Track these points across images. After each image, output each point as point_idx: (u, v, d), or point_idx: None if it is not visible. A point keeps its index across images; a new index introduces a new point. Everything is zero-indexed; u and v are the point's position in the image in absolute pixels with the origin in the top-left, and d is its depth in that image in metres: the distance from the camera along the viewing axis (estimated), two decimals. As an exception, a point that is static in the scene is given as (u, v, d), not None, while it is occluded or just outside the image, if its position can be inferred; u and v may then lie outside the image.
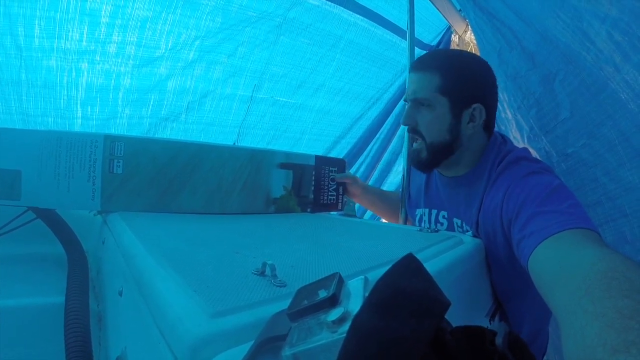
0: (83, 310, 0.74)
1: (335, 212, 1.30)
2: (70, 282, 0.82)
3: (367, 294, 0.29)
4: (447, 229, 1.09)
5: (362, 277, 0.36)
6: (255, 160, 1.13)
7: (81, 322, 0.70)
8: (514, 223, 0.83)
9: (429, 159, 1.04)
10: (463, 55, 1.05)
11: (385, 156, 2.42)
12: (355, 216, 1.21)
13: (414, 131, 1.06)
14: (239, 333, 0.39)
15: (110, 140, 0.97)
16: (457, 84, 0.99)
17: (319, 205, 1.26)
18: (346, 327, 0.28)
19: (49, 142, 0.94)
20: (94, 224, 1.06)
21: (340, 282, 0.35)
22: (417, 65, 1.04)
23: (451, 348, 0.27)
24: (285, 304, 0.37)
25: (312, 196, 1.23)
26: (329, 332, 0.30)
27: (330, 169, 1.26)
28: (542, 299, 0.62)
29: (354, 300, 0.33)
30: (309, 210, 1.23)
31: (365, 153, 2.30)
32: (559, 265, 0.62)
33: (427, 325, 0.25)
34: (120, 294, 0.68)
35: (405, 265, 0.30)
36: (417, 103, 1.03)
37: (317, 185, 1.24)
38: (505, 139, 1.07)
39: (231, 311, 0.42)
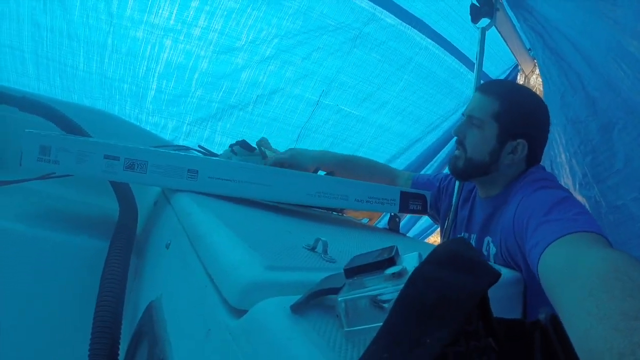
0: (123, 260, 0.77)
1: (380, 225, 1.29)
2: (118, 231, 0.85)
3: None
4: None
5: (417, 252, 0.37)
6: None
7: (118, 272, 0.73)
8: (524, 236, 0.83)
9: (463, 169, 1.10)
10: (527, 93, 1.11)
11: (437, 184, 2.40)
12: (399, 232, 1.20)
13: (460, 143, 1.12)
14: (291, 287, 0.40)
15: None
16: (511, 115, 1.04)
17: None
18: (404, 280, 0.28)
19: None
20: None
21: (397, 252, 0.36)
22: (484, 87, 1.11)
23: (493, 319, 0.28)
24: (336, 276, 0.37)
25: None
26: (386, 284, 0.31)
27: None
28: None
29: (410, 267, 0.33)
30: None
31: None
32: (563, 268, 0.61)
33: (482, 283, 0.26)
34: (167, 247, 0.71)
35: (460, 240, 0.31)
36: (471, 120, 1.09)
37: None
38: (539, 167, 1.10)
39: (284, 268, 0.43)
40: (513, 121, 1.04)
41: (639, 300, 0.41)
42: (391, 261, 0.33)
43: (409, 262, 0.35)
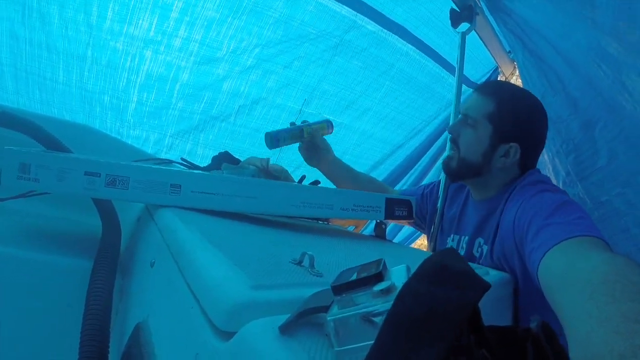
0: (108, 280, 0.75)
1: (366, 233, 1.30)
2: (101, 250, 0.84)
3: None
4: (465, 254, 1.10)
5: (405, 265, 0.37)
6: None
7: (104, 292, 0.71)
8: (525, 239, 0.83)
9: (455, 169, 1.11)
10: (525, 97, 1.10)
11: (422, 187, 2.42)
12: (385, 238, 1.20)
13: (454, 141, 1.12)
14: (278, 306, 0.39)
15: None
16: (506, 118, 1.04)
17: None
18: (392, 297, 0.28)
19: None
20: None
21: (385, 266, 0.36)
22: (482, 88, 1.11)
23: (485, 329, 0.28)
24: (323, 291, 0.37)
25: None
26: (374, 301, 0.31)
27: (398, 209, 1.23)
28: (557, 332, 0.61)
29: (398, 281, 0.33)
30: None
31: (402, 182, 2.29)
32: (564, 271, 0.62)
33: (470, 297, 0.26)
34: (152, 265, 0.69)
35: (448, 252, 0.31)
36: (466, 119, 1.09)
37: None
38: (535, 170, 1.10)
39: (270, 286, 0.43)
40: (507, 124, 1.04)
41: (639, 303, 0.41)
42: (379, 276, 0.33)
43: (397, 275, 0.35)
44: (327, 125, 1.40)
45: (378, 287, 0.31)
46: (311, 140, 1.36)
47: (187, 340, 0.44)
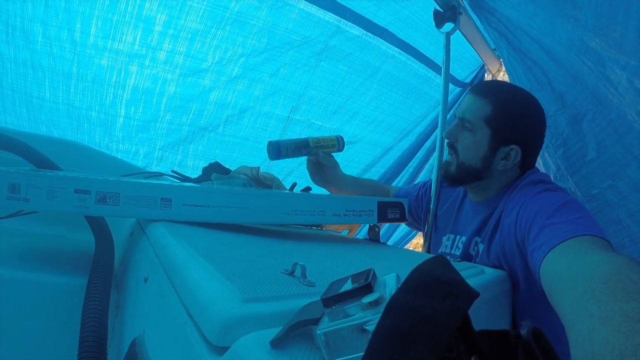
0: (103, 295, 0.75)
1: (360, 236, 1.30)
2: (95, 267, 0.84)
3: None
4: (461, 253, 1.10)
5: (395, 274, 0.37)
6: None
7: (100, 308, 0.72)
8: (527, 238, 0.83)
9: (455, 175, 1.09)
10: (523, 97, 1.07)
11: (413, 188, 2.43)
12: (379, 241, 1.21)
13: (451, 146, 1.10)
14: (270, 319, 0.40)
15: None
16: (504, 121, 1.02)
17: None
18: (381, 308, 0.29)
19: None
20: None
21: (374, 276, 0.36)
22: (477, 89, 1.08)
23: (476, 336, 0.28)
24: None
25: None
26: (364, 313, 0.31)
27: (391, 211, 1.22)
28: (558, 331, 0.61)
29: (388, 291, 0.33)
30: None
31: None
32: (566, 271, 0.62)
33: (459, 307, 0.26)
34: (146, 280, 0.70)
35: (437, 260, 0.31)
36: (463, 123, 1.07)
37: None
38: (535, 169, 1.09)
39: (262, 299, 0.43)
40: (506, 126, 1.02)
41: None
42: (368, 287, 0.33)
43: (387, 286, 0.35)
44: (338, 140, 1.29)
45: (367, 300, 0.31)
46: (316, 157, 1.26)
47: (182, 355, 0.45)
